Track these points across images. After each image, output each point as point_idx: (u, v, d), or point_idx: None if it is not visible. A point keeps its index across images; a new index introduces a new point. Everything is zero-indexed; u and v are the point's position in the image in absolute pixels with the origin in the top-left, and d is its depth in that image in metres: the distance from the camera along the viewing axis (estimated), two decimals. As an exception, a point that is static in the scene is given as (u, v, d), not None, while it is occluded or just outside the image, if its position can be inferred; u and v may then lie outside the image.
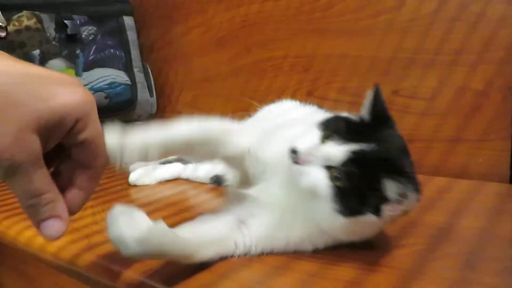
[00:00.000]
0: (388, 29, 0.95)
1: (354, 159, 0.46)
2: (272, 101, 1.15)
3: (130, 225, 0.44)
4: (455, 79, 0.88)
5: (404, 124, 0.95)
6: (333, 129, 0.49)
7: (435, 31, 0.89)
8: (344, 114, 0.55)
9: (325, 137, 0.49)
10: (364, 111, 0.52)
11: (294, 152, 0.49)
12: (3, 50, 1.08)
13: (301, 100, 1.09)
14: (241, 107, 1.23)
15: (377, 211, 0.46)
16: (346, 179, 0.46)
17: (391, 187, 0.45)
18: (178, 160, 1.01)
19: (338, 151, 0.47)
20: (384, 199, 0.46)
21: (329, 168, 0.47)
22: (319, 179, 0.47)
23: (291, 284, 0.47)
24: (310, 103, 0.84)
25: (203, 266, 0.51)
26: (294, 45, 1.11)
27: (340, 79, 1.04)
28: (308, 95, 1.10)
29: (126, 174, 0.96)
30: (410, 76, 0.93)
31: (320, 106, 0.85)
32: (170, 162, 1.01)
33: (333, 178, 0.47)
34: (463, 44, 0.86)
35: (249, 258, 0.53)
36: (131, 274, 0.52)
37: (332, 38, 1.03)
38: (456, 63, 0.87)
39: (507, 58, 0.82)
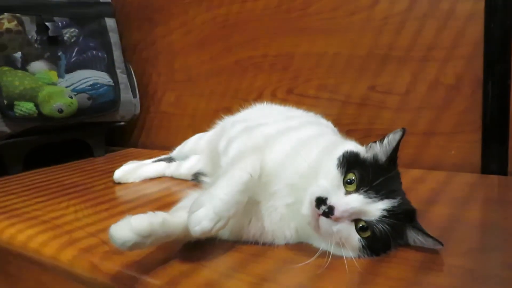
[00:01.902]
0: (363, 27, 0.97)
1: (386, 216, 0.48)
2: (253, 99, 1.17)
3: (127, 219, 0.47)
4: (427, 74, 0.91)
5: (381, 119, 0.98)
6: (358, 177, 0.49)
7: (408, 28, 0.92)
8: (354, 146, 0.55)
9: (347, 182, 0.49)
10: (379, 151, 0.53)
11: (324, 203, 0.48)
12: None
13: (281, 98, 1.12)
14: (223, 106, 1.25)
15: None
16: (375, 232, 0.48)
17: (412, 235, 0.50)
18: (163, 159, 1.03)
19: (375, 209, 0.47)
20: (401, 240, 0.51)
21: (357, 220, 0.48)
22: (350, 235, 0.48)
23: (267, 270, 0.49)
24: (290, 102, 0.86)
25: (181, 255, 0.53)
26: (273, 44, 1.13)
27: (318, 76, 1.06)
28: (288, 93, 1.12)
29: (112, 173, 0.97)
30: (385, 72, 0.96)
31: (300, 103, 0.88)
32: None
33: (359, 229, 0.48)
34: (434, 40, 0.89)
35: (226, 247, 0.55)
36: (110, 265, 0.53)
37: (310, 36, 1.06)
38: (428, 58, 0.90)
39: (475, 53, 0.85)
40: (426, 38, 0.90)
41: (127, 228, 0.46)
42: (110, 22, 1.33)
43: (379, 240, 0.48)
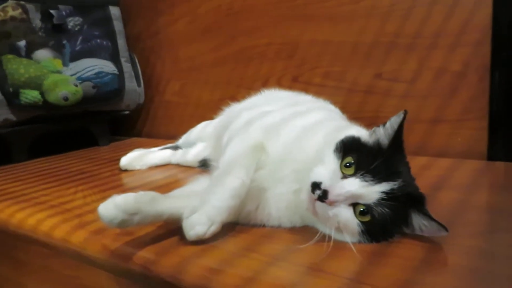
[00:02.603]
0: (370, 14, 0.97)
1: (385, 198, 0.47)
2: (258, 88, 1.17)
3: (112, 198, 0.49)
4: (434, 62, 0.91)
5: (387, 107, 0.98)
6: (355, 160, 0.48)
7: (415, 15, 0.91)
8: (356, 131, 0.54)
9: (346, 166, 0.49)
10: (382, 135, 0.51)
11: (318, 187, 0.48)
12: (-12, 39, 1.06)
13: (287, 86, 1.12)
14: (228, 95, 1.25)
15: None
16: (374, 216, 0.47)
17: (417, 220, 0.48)
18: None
19: (371, 192, 0.47)
20: (407, 228, 0.49)
21: (355, 204, 0.48)
22: (348, 219, 0.48)
23: (278, 250, 0.49)
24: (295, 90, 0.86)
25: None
26: (278, 32, 1.13)
27: (324, 64, 1.06)
28: (293, 81, 1.12)
29: (117, 161, 0.98)
30: (392, 60, 0.96)
31: (306, 91, 0.88)
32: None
33: (359, 214, 0.48)
34: (442, 27, 0.89)
35: (235, 230, 0.55)
36: (122, 247, 0.54)
37: (315, 24, 1.06)
38: (435, 45, 0.90)
39: (482, 39, 0.85)
40: (433, 25, 0.90)
41: (113, 206, 0.48)
42: (114, 11, 1.32)
43: (378, 224, 0.47)
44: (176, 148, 1.01)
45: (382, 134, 0.51)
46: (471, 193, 0.66)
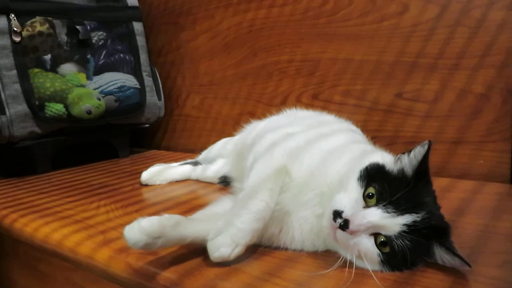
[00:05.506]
0: (392, 34, 0.97)
1: (406, 231, 0.46)
2: (278, 104, 1.18)
3: (138, 221, 0.50)
4: (456, 82, 0.90)
5: (407, 127, 0.98)
6: (377, 191, 0.48)
7: (437, 36, 0.91)
8: (381, 157, 0.53)
9: (369, 196, 0.49)
10: (407, 164, 0.50)
11: (340, 216, 0.48)
12: (17, 54, 1.09)
13: (306, 103, 1.13)
14: (247, 110, 1.26)
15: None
16: (393, 248, 0.47)
17: (439, 253, 0.48)
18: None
19: (393, 224, 0.46)
20: (429, 259, 0.49)
21: (376, 234, 0.48)
22: (368, 249, 0.48)
23: (301, 275, 0.49)
24: (315, 107, 0.87)
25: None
26: (299, 49, 1.14)
27: (344, 82, 1.06)
28: (313, 98, 1.12)
29: (137, 175, 0.99)
30: (413, 80, 0.96)
31: (325, 108, 0.88)
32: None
33: (379, 244, 0.47)
34: (465, 48, 0.89)
35: (259, 252, 0.56)
36: (147, 267, 0.54)
37: (337, 42, 1.06)
38: (457, 66, 0.90)
39: (507, 61, 0.84)
40: (456, 46, 0.89)
41: (138, 230, 0.50)
42: (137, 26, 1.35)
43: (398, 256, 0.47)
44: (196, 163, 1.02)
45: (407, 163, 0.51)
46: (496, 218, 0.65)
